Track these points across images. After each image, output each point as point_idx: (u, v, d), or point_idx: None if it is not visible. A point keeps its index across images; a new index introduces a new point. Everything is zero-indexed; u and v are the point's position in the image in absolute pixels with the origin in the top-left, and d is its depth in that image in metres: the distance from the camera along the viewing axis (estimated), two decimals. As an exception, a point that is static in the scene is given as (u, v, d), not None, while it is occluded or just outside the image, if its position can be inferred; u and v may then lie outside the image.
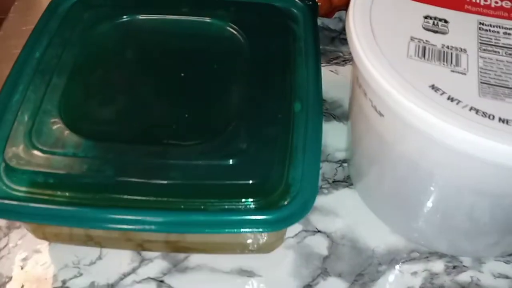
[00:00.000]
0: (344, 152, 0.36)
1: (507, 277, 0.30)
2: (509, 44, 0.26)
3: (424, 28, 0.26)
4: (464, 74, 0.24)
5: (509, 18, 0.27)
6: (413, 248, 0.31)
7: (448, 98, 0.23)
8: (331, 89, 0.40)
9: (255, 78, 0.30)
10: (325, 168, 0.35)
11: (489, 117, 0.22)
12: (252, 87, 0.30)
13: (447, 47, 0.26)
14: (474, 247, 0.30)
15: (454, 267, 0.30)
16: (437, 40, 0.26)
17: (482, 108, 0.23)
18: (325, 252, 0.31)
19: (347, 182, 0.34)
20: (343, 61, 0.42)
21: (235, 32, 0.32)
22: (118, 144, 0.26)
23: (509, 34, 0.26)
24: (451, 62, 0.25)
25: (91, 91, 0.29)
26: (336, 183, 0.34)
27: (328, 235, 0.32)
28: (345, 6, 0.43)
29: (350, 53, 0.44)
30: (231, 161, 0.26)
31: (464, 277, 0.30)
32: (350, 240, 0.32)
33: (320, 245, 0.31)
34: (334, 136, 0.37)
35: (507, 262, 0.30)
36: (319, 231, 0.32)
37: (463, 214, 0.28)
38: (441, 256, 0.31)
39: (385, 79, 0.24)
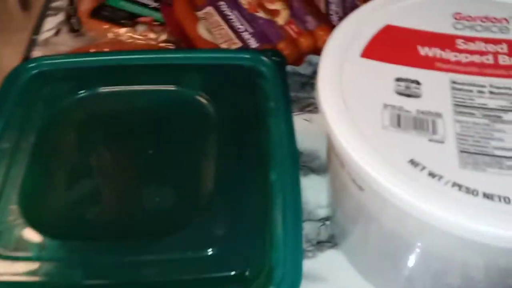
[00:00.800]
0: (326, 209, 0.35)
1: (503, 334, 0.29)
2: (484, 104, 0.25)
3: (396, 92, 0.26)
4: (442, 142, 0.23)
5: (480, 74, 0.26)
6: (405, 311, 0.30)
7: (429, 174, 0.22)
8: (306, 139, 0.39)
9: (228, 149, 0.29)
10: (308, 228, 0.34)
11: (472, 193, 0.21)
12: (226, 160, 0.28)
13: (422, 112, 0.25)
14: (467, 305, 0.29)
15: (449, 328, 0.29)
16: (411, 105, 0.25)
17: (465, 182, 0.22)
18: (315, 323, 0.30)
19: (331, 242, 0.33)
20: (316, 108, 0.41)
21: (202, 100, 0.31)
22: (84, 242, 0.25)
23: (482, 92, 0.26)
24: (428, 130, 0.24)
25: (53, 180, 0.28)
26: (320, 244, 0.33)
27: (316, 304, 0.31)
28: (313, 50, 0.43)
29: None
30: (209, 251, 0.24)
31: (460, 338, 0.29)
32: (340, 307, 0.30)
33: (309, 316, 0.30)
34: (314, 191, 0.36)
35: (501, 317, 0.30)
36: (306, 301, 0.31)
37: (454, 275, 0.27)
38: (434, 316, 0.30)
39: (361, 156, 0.23)
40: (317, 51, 0.43)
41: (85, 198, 0.27)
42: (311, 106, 0.41)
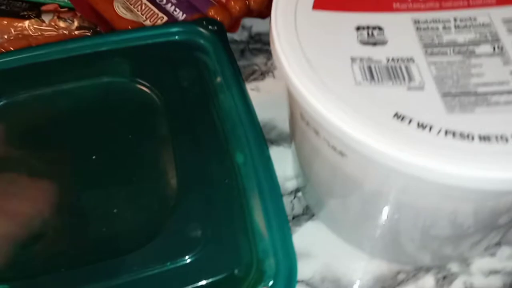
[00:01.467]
0: (295, 180, 0.32)
1: (497, 271, 0.28)
2: (453, 40, 0.23)
3: (361, 42, 0.23)
4: (422, 88, 0.21)
5: (441, 8, 0.25)
6: (398, 270, 0.29)
7: (418, 126, 0.20)
8: (259, 110, 0.35)
9: (183, 139, 0.25)
10: (280, 204, 0.32)
11: (468, 137, 0.19)
12: (184, 152, 0.25)
13: (393, 59, 0.22)
14: (458, 251, 0.28)
15: (444, 277, 0.28)
16: (379, 54, 0.23)
17: (457, 128, 0.20)
18: (310, 304, 0.28)
19: (307, 214, 0.31)
20: (261, 74, 0.38)
21: (141, 87, 0.27)
22: (38, 278, 0.21)
23: (448, 28, 0.24)
24: (404, 78, 0.22)
25: None
26: (297, 219, 0.31)
27: (307, 283, 0.28)
28: (247, 12, 0.39)
29: (265, 64, 0.40)
30: (187, 259, 0.21)
31: (457, 285, 0.28)
32: (332, 281, 0.28)
33: (302, 298, 0.28)
34: (278, 164, 0.32)
35: (492, 255, 0.29)
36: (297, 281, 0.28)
37: (443, 225, 0.26)
38: (427, 269, 0.29)
39: (341, 119, 0.20)
40: (250, 13, 0.40)
41: (26, 227, 0.22)
42: (255, 74, 0.38)
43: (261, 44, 0.40)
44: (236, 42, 0.40)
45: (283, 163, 0.33)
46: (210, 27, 0.31)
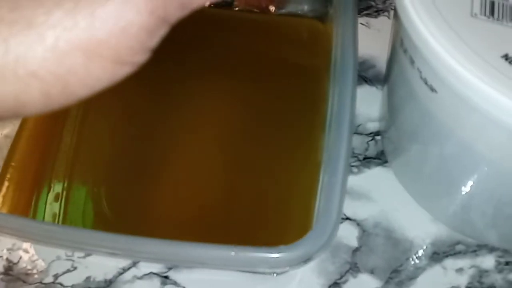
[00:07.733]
0: (378, 123, 0.31)
1: None
2: None
3: (491, -25, 0.21)
4: (546, 38, 0.19)
5: None
6: (459, 240, 0.27)
7: (527, 73, 0.18)
8: (363, 46, 0.34)
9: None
10: (355, 142, 0.30)
11: None
12: None
13: (523, 1, 0.20)
14: (533, 240, 0.26)
15: (507, 263, 0.26)
16: (509, -8, 0.20)
17: None
18: (355, 243, 0.27)
19: (380, 159, 0.30)
20: (376, 11, 0.36)
21: None
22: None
23: None
24: (529, 22, 0.19)
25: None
26: (367, 160, 0.30)
27: (358, 223, 0.27)
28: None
29: (384, 2, 0.38)
30: None
31: (519, 275, 0.26)
32: (385, 229, 0.27)
33: (349, 235, 0.27)
34: (365, 103, 0.32)
35: None
36: (348, 218, 0.28)
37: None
38: (491, 249, 0.26)
39: (443, 46, 0.18)
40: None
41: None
42: (370, 9, 0.36)
43: (386, -20, 0.38)
44: (360, -26, 0.38)
45: (371, 103, 0.31)
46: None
